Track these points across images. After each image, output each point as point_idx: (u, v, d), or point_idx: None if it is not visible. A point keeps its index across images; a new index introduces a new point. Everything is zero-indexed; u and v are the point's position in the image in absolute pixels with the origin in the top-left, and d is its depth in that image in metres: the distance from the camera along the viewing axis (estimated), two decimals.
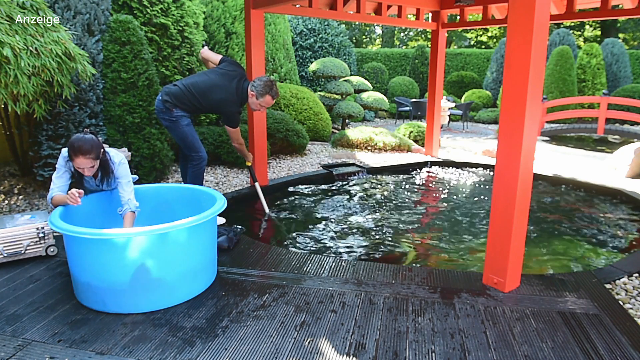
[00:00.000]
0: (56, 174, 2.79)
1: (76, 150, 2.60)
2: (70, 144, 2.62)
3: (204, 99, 3.63)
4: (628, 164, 6.02)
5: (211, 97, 3.63)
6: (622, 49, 14.52)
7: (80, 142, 2.60)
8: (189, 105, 3.64)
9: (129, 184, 2.88)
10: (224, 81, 3.66)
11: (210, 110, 3.83)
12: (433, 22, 6.66)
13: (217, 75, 3.70)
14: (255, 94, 3.66)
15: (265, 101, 3.69)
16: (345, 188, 5.56)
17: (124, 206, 2.82)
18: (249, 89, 3.68)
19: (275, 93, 3.69)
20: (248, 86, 3.71)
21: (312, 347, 2.16)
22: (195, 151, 3.72)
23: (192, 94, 3.62)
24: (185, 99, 3.61)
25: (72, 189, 2.60)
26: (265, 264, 3.10)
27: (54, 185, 2.76)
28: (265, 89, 3.64)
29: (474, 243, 3.85)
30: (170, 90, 3.62)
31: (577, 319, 2.41)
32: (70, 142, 2.63)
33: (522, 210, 2.62)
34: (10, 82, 3.18)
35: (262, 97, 3.66)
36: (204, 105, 3.67)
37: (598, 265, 3.43)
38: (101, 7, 4.88)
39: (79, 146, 2.60)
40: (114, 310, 2.44)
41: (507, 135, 2.54)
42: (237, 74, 3.74)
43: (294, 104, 8.02)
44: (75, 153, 2.61)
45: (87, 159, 2.63)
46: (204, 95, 3.63)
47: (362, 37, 29.02)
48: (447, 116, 11.12)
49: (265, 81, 3.65)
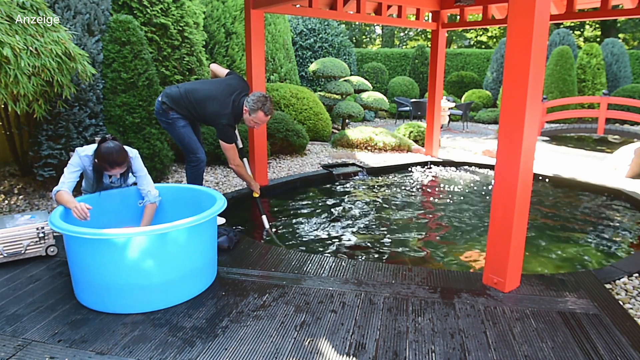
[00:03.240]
0: (69, 169, 2.82)
1: (113, 164, 2.79)
2: (104, 158, 2.77)
3: (199, 108, 3.56)
4: (628, 164, 6.02)
5: (206, 107, 3.53)
6: (622, 49, 14.53)
7: (114, 156, 2.77)
8: (185, 111, 3.59)
9: (146, 176, 3.05)
10: (222, 94, 3.55)
11: (203, 120, 3.65)
12: (433, 22, 6.66)
13: (217, 86, 3.61)
14: (248, 110, 3.51)
15: (258, 117, 3.51)
16: (345, 188, 5.56)
17: (145, 198, 3.01)
18: (244, 105, 3.54)
19: (269, 109, 3.50)
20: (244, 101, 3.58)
21: (312, 347, 2.16)
22: (192, 152, 3.69)
23: (189, 101, 3.57)
24: (181, 104, 3.57)
25: (82, 203, 2.61)
26: (265, 264, 3.10)
27: (65, 179, 2.79)
28: (256, 104, 3.46)
29: (474, 243, 3.85)
30: (170, 92, 3.60)
31: (577, 319, 2.41)
32: (102, 155, 2.76)
33: (522, 210, 2.62)
34: (10, 82, 3.18)
35: (254, 112, 3.49)
36: (199, 114, 3.59)
37: (598, 265, 3.43)
38: (101, 7, 4.88)
39: (114, 160, 2.78)
40: (114, 310, 2.44)
41: (507, 135, 2.55)
42: (238, 88, 3.62)
43: (294, 104, 8.03)
44: (112, 166, 2.80)
45: (122, 168, 2.85)
46: (200, 105, 3.55)
47: (362, 37, 29.02)
48: (447, 116, 11.13)
49: (258, 97, 3.49)
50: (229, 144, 3.57)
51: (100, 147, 2.77)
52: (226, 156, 3.63)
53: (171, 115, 3.59)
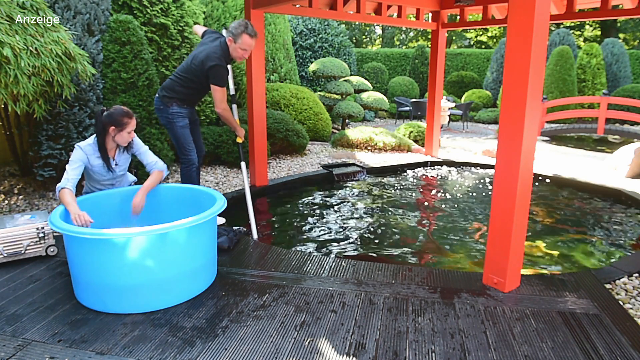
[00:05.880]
0: (71, 165, 2.85)
1: (129, 113, 2.96)
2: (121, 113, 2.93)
3: (190, 73, 3.54)
4: (628, 164, 6.02)
5: (196, 62, 3.51)
6: (622, 49, 14.53)
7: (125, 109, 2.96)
8: (181, 93, 3.59)
9: (148, 150, 3.26)
10: (206, 44, 3.57)
11: (199, 85, 3.61)
12: (433, 22, 6.66)
13: (198, 47, 3.64)
14: (232, 39, 3.47)
15: (244, 42, 3.46)
16: (345, 188, 5.56)
17: (153, 165, 3.19)
18: (227, 37, 3.53)
19: (252, 31, 3.46)
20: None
21: (312, 347, 2.16)
22: (185, 154, 3.71)
23: (180, 78, 3.58)
24: (176, 86, 3.58)
25: (84, 213, 2.63)
26: (265, 264, 3.10)
27: (69, 176, 2.80)
28: (239, 28, 3.43)
29: (474, 243, 3.85)
30: (164, 84, 3.67)
31: (577, 319, 2.41)
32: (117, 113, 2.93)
33: (522, 210, 2.62)
34: (10, 82, 3.18)
35: (239, 38, 3.44)
36: (193, 80, 3.56)
37: (598, 265, 3.43)
38: (101, 7, 4.88)
39: (127, 111, 2.96)
40: (114, 310, 2.44)
41: (507, 135, 2.55)
42: (217, 36, 3.65)
43: (294, 104, 8.03)
44: (130, 116, 2.96)
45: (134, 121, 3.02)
46: (190, 69, 3.54)
47: (362, 37, 29.02)
48: (447, 116, 11.12)
49: (239, 22, 3.47)
50: (220, 86, 3.50)
51: (107, 112, 2.93)
52: (214, 98, 3.53)
53: (171, 110, 3.60)
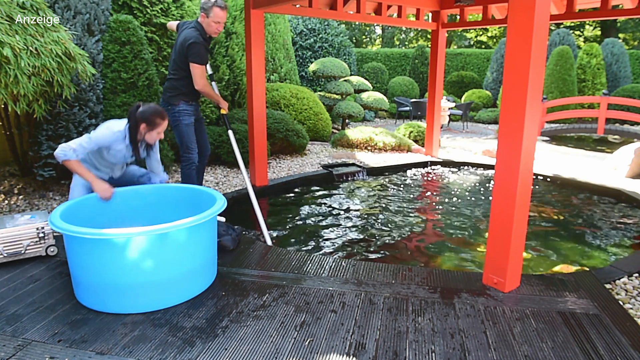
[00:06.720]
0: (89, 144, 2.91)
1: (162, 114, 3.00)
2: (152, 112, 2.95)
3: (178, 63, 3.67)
4: (628, 164, 6.02)
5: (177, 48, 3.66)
6: (622, 49, 14.52)
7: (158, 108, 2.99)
8: (182, 86, 3.70)
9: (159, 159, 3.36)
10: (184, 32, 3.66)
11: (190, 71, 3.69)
12: (433, 22, 6.66)
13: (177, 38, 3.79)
14: (204, 14, 3.59)
15: (216, 14, 3.57)
16: (345, 188, 5.56)
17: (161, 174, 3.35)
18: (200, 15, 3.65)
19: (222, 3, 3.57)
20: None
21: (312, 347, 2.16)
22: (187, 152, 3.80)
23: (172, 74, 3.72)
24: (173, 82, 3.72)
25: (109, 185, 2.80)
26: (265, 264, 3.10)
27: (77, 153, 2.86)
28: (209, 2, 3.55)
29: (474, 243, 3.85)
30: (164, 87, 3.82)
31: (577, 319, 2.41)
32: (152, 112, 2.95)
33: (522, 210, 2.62)
34: (10, 82, 3.18)
35: (210, 12, 3.56)
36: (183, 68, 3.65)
37: (598, 265, 3.43)
38: (101, 7, 4.88)
39: (161, 111, 3.00)
40: (114, 310, 2.44)
41: (507, 135, 2.55)
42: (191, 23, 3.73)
43: (294, 104, 8.03)
44: (163, 117, 3.01)
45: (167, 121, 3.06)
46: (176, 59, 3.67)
47: (362, 37, 29.02)
48: (447, 116, 11.12)
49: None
50: (199, 64, 3.59)
51: (141, 109, 2.95)
52: (193, 75, 3.62)
53: (177, 109, 3.72)
